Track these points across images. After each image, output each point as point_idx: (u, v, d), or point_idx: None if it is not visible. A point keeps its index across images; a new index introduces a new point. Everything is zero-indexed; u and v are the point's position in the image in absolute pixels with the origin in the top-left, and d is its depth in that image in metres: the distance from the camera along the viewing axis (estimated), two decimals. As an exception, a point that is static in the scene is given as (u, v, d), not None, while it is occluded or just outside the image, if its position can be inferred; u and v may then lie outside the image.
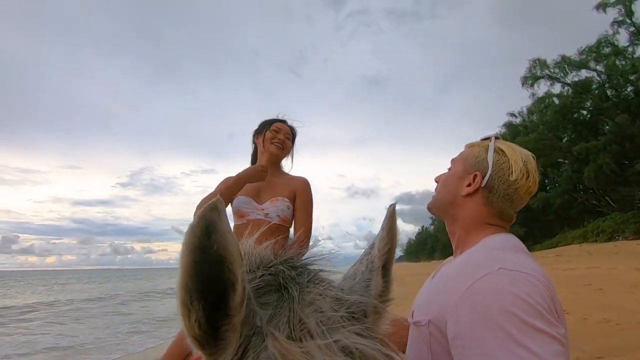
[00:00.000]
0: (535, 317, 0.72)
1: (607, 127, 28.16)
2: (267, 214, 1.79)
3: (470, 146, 1.12)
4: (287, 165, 2.10)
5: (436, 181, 1.16)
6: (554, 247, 24.48)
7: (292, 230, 1.87)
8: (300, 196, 1.89)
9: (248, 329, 0.43)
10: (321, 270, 0.55)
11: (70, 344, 8.81)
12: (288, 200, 1.85)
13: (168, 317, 13.04)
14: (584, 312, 5.35)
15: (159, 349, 7.84)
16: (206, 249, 0.38)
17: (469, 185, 1.03)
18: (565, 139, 31.30)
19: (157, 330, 10.54)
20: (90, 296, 24.00)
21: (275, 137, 1.96)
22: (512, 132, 35.11)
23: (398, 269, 0.61)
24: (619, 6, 25.97)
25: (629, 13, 26.03)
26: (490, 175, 1.01)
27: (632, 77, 26.02)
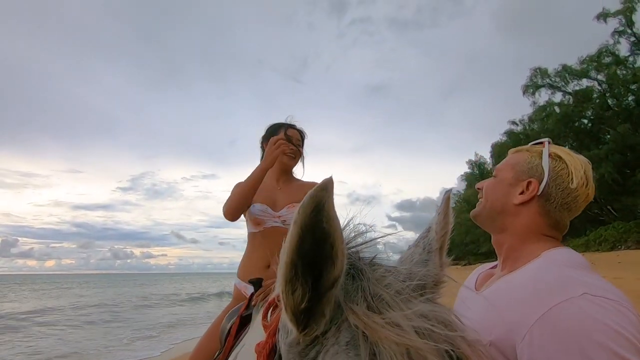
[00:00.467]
0: (628, 349, 0.67)
1: (608, 136, 28.24)
2: (285, 221, 1.79)
3: (517, 151, 1.06)
4: (298, 170, 2.08)
5: (479, 188, 1.10)
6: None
7: None
8: None
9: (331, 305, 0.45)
10: (378, 252, 0.59)
11: (73, 350, 8.77)
12: None
13: (170, 322, 13.00)
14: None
15: (175, 351, 7.81)
16: (315, 226, 0.40)
17: (522, 193, 0.97)
18: (567, 147, 31.22)
19: (160, 336, 10.51)
20: (90, 301, 23.90)
21: (286, 147, 1.92)
22: (514, 140, 35.17)
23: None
24: (619, 16, 26.22)
25: (630, 23, 26.26)
26: (547, 182, 0.94)
27: (633, 87, 26.17)
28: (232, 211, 1.68)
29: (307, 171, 2.04)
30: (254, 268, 1.68)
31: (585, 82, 29.54)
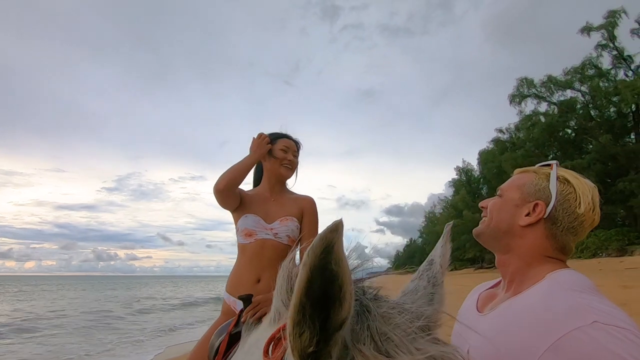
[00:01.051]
0: None
1: (591, 146, 29.07)
2: (277, 234, 1.77)
3: (523, 172, 1.05)
4: (290, 180, 2.08)
5: (483, 207, 1.09)
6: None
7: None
8: (307, 215, 1.89)
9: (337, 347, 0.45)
10: (380, 287, 0.58)
11: (54, 356, 8.50)
12: (297, 220, 1.84)
13: (157, 327, 12.74)
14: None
15: (169, 352, 7.63)
16: (324, 268, 0.40)
17: (529, 214, 0.96)
18: (551, 156, 32.07)
19: (151, 340, 10.28)
20: (71, 305, 23.29)
21: (285, 159, 1.91)
22: (500, 148, 35.89)
23: (389, 281, 0.64)
24: (602, 30, 27.10)
25: (612, 38, 27.16)
26: (554, 205, 0.93)
27: (614, 99, 27.00)
28: (226, 182, 1.72)
29: (300, 175, 2.05)
30: (244, 282, 1.65)
31: (569, 93, 30.41)
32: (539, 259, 0.94)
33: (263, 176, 1.99)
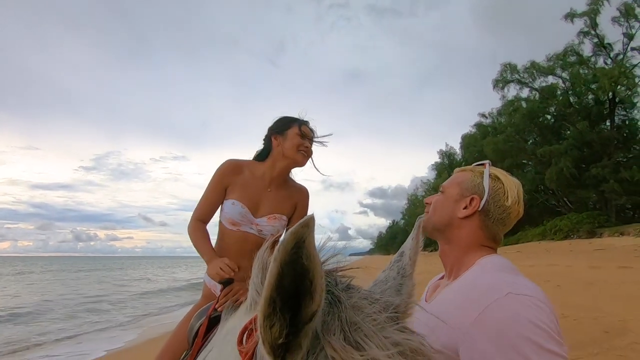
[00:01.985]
0: (548, 340, 0.78)
1: (568, 132, 29.87)
2: (261, 231, 1.69)
3: (462, 171, 1.18)
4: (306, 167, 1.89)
5: (427, 203, 1.22)
6: (515, 244, 25.88)
7: None
8: (299, 209, 1.82)
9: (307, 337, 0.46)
10: (352, 277, 0.60)
11: (38, 338, 8.39)
12: (286, 218, 1.76)
13: (140, 309, 12.71)
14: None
15: (150, 333, 7.63)
16: (294, 263, 0.41)
17: (466, 207, 1.09)
18: (531, 141, 32.88)
19: (134, 322, 10.25)
20: (48, 288, 22.92)
21: (302, 145, 1.72)
22: (482, 133, 36.48)
23: (372, 261, 0.67)
24: (584, 17, 27.40)
25: (594, 25, 27.51)
26: (486, 199, 1.07)
27: (593, 86, 27.64)
28: (189, 234, 1.71)
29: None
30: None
31: (551, 79, 30.90)
32: (474, 248, 1.07)
33: (269, 157, 1.78)
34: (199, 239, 1.65)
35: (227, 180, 1.72)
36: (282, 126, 1.76)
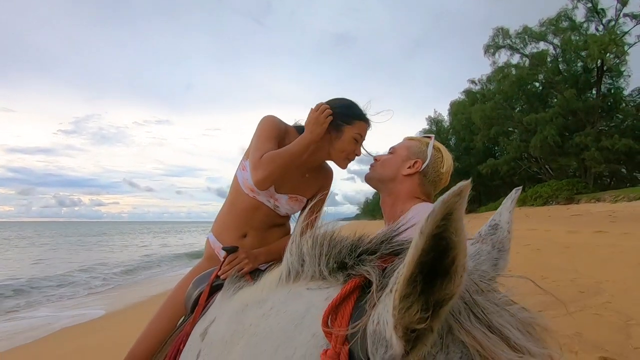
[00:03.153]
0: None
1: (555, 100, 30.04)
2: (277, 206, 1.54)
3: (411, 139, 1.43)
4: None
5: (376, 159, 1.45)
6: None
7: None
8: (321, 191, 1.63)
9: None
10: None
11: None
12: (306, 201, 1.59)
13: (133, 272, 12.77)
14: (525, 270, 5.97)
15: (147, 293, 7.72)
16: (440, 236, 0.37)
17: (410, 167, 1.34)
18: (518, 109, 33.03)
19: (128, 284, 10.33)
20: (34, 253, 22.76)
21: (353, 152, 1.50)
22: (471, 100, 36.37)
23: (361, 226, 0.66)
24: (580, -20, 26.74)
25: (589, -12, 26.95)
26: (427, 164, 1.34)
27: (583, 53, 27.50)
28: (268, 177, 1.36)
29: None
30: (231, 233, 1.52)
31: (542, 45, 30.55)
32: (411, 199, 1.32)
33: (314, 150, 1.53)
34: (281, 149, 1.39)
35: (277, 134, 1.47)
36: (342, 119, 1.47)
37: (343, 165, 1.53)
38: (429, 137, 1.41)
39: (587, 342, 3.10)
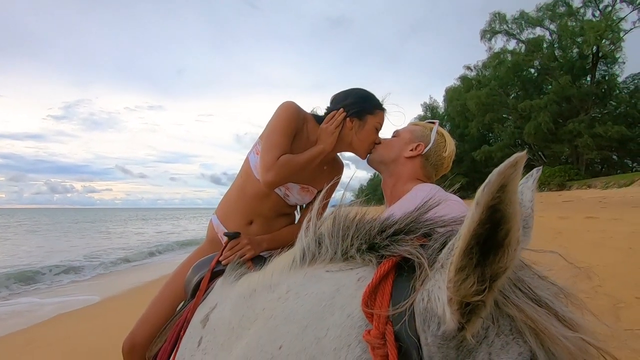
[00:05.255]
0: None
1: (550, 87, 30.05)
2: (287, 196, 1.51)
3: (415, 124, 1.46)
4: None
5: (378, 142, 1.46)
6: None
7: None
8: (331, 184, 1.58)
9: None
10: None
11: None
12: (316, 192, 1.57)
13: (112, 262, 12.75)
14: (518, 255, 6.08)
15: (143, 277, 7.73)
16: (495, 208, 0.36)
17: (412, 150, 1.36)
18: (513, 95, 33.02)
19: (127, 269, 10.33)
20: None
21: (373, 142, 1.49)
22: (467, 86, 36.23)
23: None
24: (579, -35, 26.41)
25: (587, -27, 26.65)
26: (430, 148, 1.36)
27: (579, 40, 27.40)
28: (278, 179, 1.34)
29: (266, 107, 1.77)
30: (237, 218, 1.48)
31: (538, 31, 30.37)
32: (412, 180, 1.34)
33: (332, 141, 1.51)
34: (296, 156, 1.37)
35: (295, 129, 1.43)
36: (365, 109, 1.46)
37: (364, 155, 1.51)
38: (433, 122, 1.43)
39: (578, 325, 3.17)
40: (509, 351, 0.41)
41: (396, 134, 1.45)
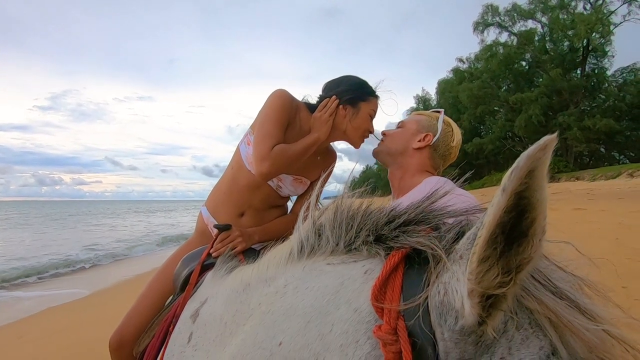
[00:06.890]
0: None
1: (541, 80, 30.29)
2: (280, 187, 1.47)
3: (419, 114, 1.42)
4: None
5: (384, 134, 1.42)
6: (481, 188, 27.37)
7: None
8: (324, 174, 1.56)
9: None
10: None
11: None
12: (309, 183, 1.53)
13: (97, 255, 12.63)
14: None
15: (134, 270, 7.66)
16: (522, 194, 0.33)
17: (420, 141, 1.32)
18: (504, 88, 33.23)
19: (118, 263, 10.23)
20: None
21: (367, 129, 1.45)
22: (459, 78, 36.34)
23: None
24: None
25: (579, -35, 26.71)
26: (438, 137, 1.32)
27: (570, 32, 27.57)
28: (273, 173, 1.30)
29: (259, 99, 1.70)
30: (226, 210, 1.44)
31: (530, 24, 30.47)
32: (421, 173, 1.31)
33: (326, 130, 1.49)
34: (290, 145, 1.33)
35: (288, 118, 1.39)
36: (358, 96, 1.42)
37: (358, 144, 1.48)
38: (439, 111, 1.40)
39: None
40: (529, 345, 0.39)
41: (401, 124, 1.41)
